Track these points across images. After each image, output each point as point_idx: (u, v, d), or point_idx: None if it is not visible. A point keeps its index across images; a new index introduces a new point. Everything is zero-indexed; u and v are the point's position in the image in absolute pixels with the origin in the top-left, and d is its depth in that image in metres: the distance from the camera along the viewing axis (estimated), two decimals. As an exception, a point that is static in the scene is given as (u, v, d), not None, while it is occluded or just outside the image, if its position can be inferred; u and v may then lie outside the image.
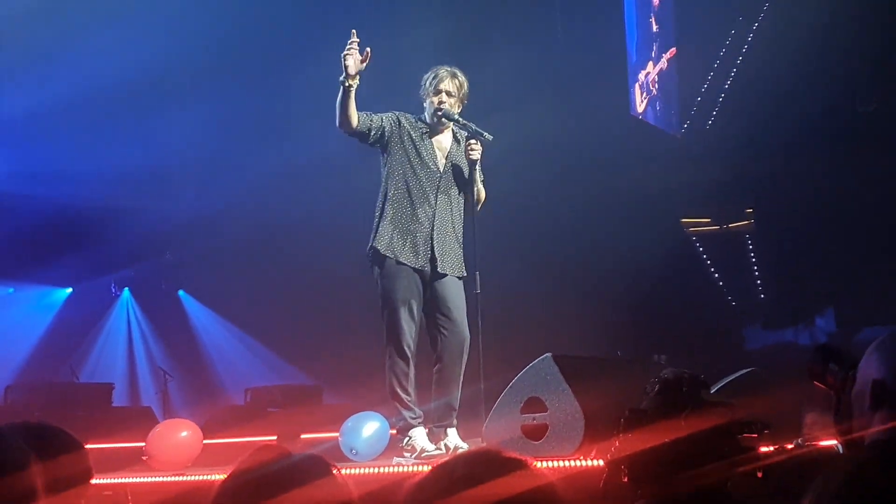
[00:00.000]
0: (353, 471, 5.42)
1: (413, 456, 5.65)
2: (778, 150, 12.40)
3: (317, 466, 2.09)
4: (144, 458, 6.85)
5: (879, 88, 12.51)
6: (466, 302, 5.88)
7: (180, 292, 13.14)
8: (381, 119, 5.82)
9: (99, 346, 12.65)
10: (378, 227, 5.77)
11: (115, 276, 12.97)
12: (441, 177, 5.85)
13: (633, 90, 12.40)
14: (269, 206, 11.74)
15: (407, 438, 5.75)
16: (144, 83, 10.91)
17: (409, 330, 5.72)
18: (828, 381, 2.57)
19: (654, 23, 13.16)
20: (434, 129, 5.92)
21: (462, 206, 5.94)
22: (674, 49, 13.28)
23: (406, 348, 5.73)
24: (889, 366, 2.20)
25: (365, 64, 5.59)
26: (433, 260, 5.76)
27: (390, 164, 5.84)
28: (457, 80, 5.86)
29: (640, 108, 12.55)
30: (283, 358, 12.16)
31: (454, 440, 5.73)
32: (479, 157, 5.85)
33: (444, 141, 5.95)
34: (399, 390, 5.78)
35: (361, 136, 5.79)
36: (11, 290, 12.47)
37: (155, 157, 11.38)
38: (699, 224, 13.78)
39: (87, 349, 12.49)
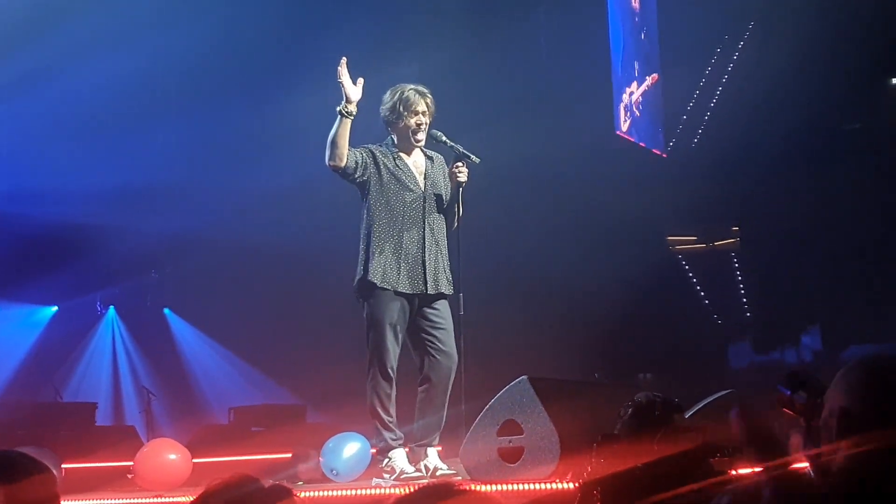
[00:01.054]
0: (331, 492, 5.42)
1: (392, 477, 5.64)
2: (763, 167, 12.46)
3: (278, 492, 2.20)
4: (130, 475, 6.82)
5: (863, 106, 12.60)
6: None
7: (165, 310, 13.12)
8: (361, 154, 5.76)
9: (84, 365, 12.62)
10: (369, 259, 5.69)
11: (100, 293, 12.93)
12: (424, 198, 5.83)
13: (619, 108, 12.44)
14: (254, 225, 11.74)
15: (387, 460, 5.73)
16: (129, 101, 10.93)
17: (393, 352, 5.72)
18: (796, 408, 2.58)
19: (639, 38, 13.21)
20: (406, 152, 5.87)
21: (445, 223, 5.94)
22: (656, 75, 13.34)
23: (390, 370, 5.72)
24: (854, 394, 2.22)
25: (360, 92, 5.61)
26: (426, 283, 5.75)
27: (371, 195, 5.77)
28: (428, 99, 5.81)
29: (624, 127, 12.59)
30: (267, 376, 12.14)
31: (434, 461, 5.73)
32: (466, 179, 5.84)
33: (418, 161, 5.90)
34: (381, 411, 5.77)
35: (348, 173, 5.71)
36: (-4, 308, 12.44)
37: (140, 174, 11.37)
38: (685, 242, 13.82)
39: (72, 367, 12.46)
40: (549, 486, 4.54)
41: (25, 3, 9.80)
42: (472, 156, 5.81)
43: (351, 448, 6.60)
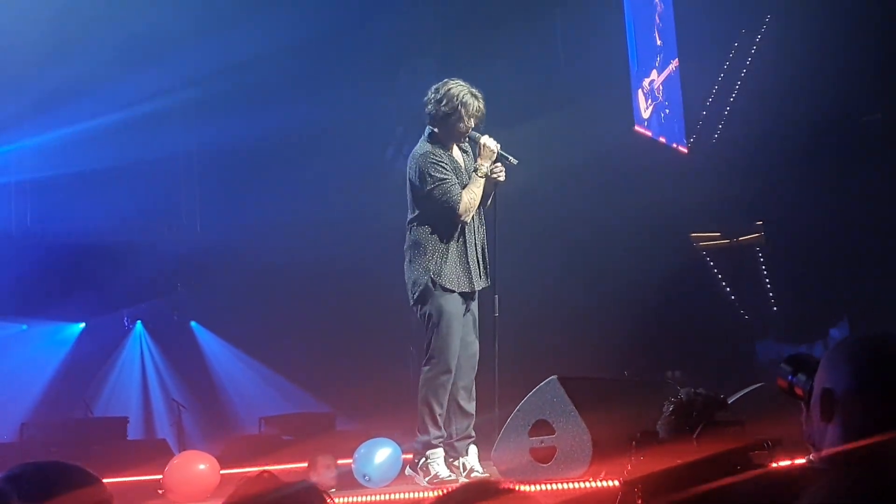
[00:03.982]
0: (364, 498, 5.42)
1: (426, 478, 5.61)
2: (785, 161, 12.39)
3: (310, 495, 2.13)
4: (161, 491, 6.85)
5: (884, 97, 12.51)
6: (484, 323, 5.91)
7: (192, 323, 13.16)
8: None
9: (113, 380, 12.64)
10: (432, 260, 5.69)
11: (127, 309, 12.98)
12: None
13: (637, 98, 12.36)
14: (279, 236, 11.77)
15: (423, 459, 5.70)
16: (151, 115, 11.00)
17: (456, 347, 5.71)
18: (796, 392, 2.54)
19: (657, 36, 13.15)
20: (450, 148, 5.88)
21: (483, 217, 5.97)
22: (676, 60, 13.27)
23: (453, 366, 5.70)
24: (836, 375, 2.20)
25: None
26: (483, 278, 5.84)
27: (432, 205, 5.75)
28: (481, 101, 5.82)
29: (646, 114, 12.49)
30: (296, 385, 12.15)
31: (473, 461, 5.69)
32: (504, 179, 5.86)
33: (460, 158, 5.94)
34: (436, 405, 5.69)
35: None
36: (25, 326, 12.50)
37: (163, 191, 11.45)
38: (709, 238, 13.74)
39: (101, 383, 12.48)
40: (586, 484, 4.53)
41: (50, 23, 9.87)
42: (510, 157, 5.83)
43: (382, 454, 6.60)
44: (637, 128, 12.30)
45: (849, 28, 11.87)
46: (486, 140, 5.77)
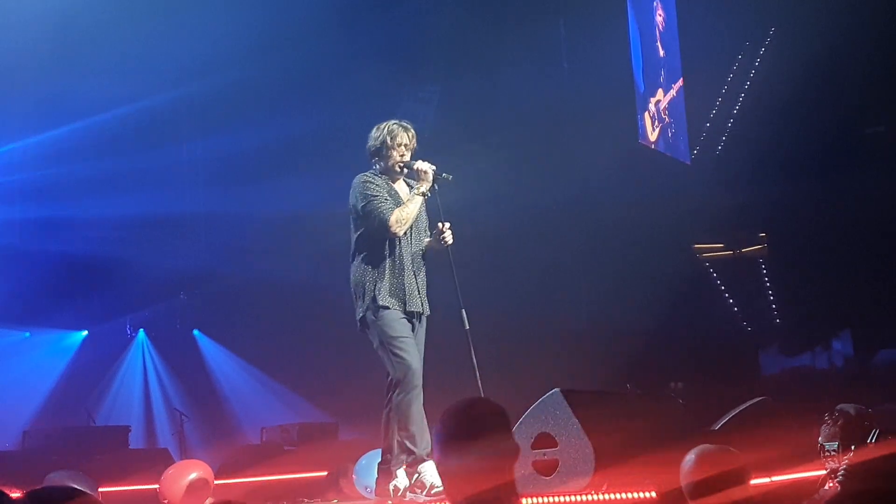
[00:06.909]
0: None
1: (423, 493, 5.61)
2: (788, 173, 12.41)
3: None
4: (165, 501, 6.87)
5: (888, 109, 12.53)
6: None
7: (195, 332, 13.15)
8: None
9: (115, 388, 12.62)
10: (376, 285, 5.87)
11: (130, 317, 12.98)
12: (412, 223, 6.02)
13: (643, 119, 12.39)
14: (282, 244, 11.79)
15: (417, 475, 5.71)
16: (155, 126, 11.03)
17: (416, 363, 5.79)
18: None
19: (660, 47, 13.18)
20: (393, 179, 6.08)
21: (423, 246, 6.08)
22: (681, 80, 13.30)
23: (419, 382, 5.76)
24: None
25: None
26: (422, 305, 5.97)
27: (368, 224, 5.92)
28: (410, 132, 6.06)
29: (653, 136, 12.53)
30: (298, 395, 12.14)
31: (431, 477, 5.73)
32: (452, 240, 5.97)
33: (404, 187, 6.12)
34: (412, 425, 5.72)
35: None
36: (28, 334, 12.49)
37: (166, 198, 11.47)
38: (712, 250, 13.76)
39: (104, 391, 12.46)
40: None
41: (50, 32, 9.91)
42: (444, 175, 6.05)
43: (384, 465, 6.57)
44: (641, 142, 12.34)
45: (853, 40, 11.89)
46: (421, 164, 6.01)
